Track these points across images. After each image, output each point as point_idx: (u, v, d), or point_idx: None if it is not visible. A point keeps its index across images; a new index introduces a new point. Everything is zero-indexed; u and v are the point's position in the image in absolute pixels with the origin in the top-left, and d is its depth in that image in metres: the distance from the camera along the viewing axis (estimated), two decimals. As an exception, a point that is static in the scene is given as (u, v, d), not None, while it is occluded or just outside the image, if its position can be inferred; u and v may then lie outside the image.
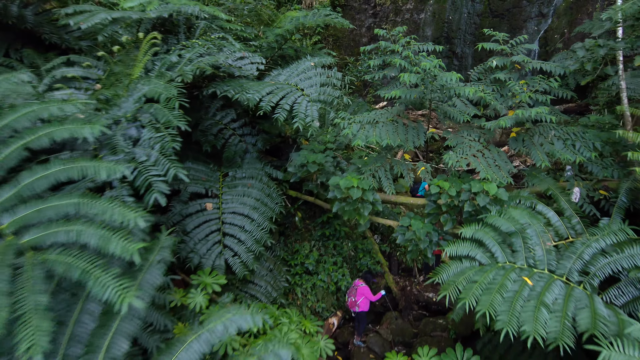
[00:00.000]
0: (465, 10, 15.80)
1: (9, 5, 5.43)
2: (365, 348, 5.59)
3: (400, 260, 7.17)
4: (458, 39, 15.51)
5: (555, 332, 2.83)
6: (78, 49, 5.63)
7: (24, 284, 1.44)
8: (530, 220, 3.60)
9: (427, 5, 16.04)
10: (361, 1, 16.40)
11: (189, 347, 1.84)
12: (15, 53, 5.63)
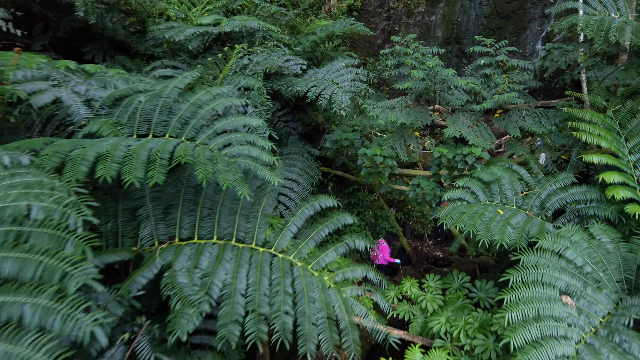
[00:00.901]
0: (473, 13, 17.18)
1: (106, 22, 7.26)
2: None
3: (412, 228, 8.80)
4: (467, 39, 16.85)
5: (515, 239, 4.43)
6: (156, 55, 7.44)
7: (231, 166, 2.98)
8: (504, 174, 5.23)
9: (437, 8, 17.50)
10: (376, 5, 17.99)
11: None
12: (110, 59, 7.45)
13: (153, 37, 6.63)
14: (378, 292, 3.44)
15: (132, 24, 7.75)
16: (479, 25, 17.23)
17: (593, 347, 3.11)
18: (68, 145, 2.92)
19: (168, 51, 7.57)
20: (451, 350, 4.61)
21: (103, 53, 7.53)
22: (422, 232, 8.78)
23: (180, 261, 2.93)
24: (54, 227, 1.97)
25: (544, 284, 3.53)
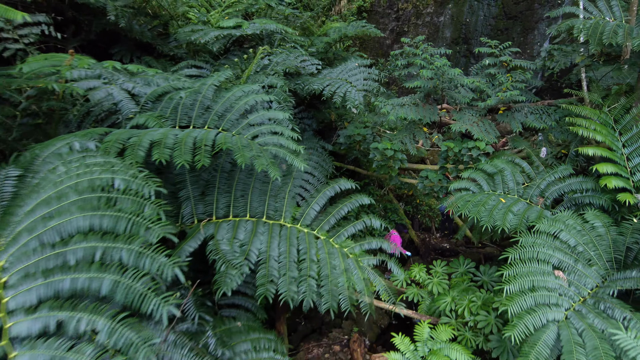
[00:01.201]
0: (481, 13, 17.52)
1: (134, 25, 7.82)
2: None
3: (421, 221, 9.26)
4: (475, 39, 17.20)
5: (515, 225, 4.89)
6: (178, 55, 7.99)
7: (264, 153, 3.50)
8: (507, 166, 5.68)
9: (446, 8, 17.87)
10: (385, 6, 18.41)
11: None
12: (136, 59, 8.01)
13: (178, 39, 7.17)
14: (391, 260, 3.92)
15: (156, 26, 8.31)
16: (487, 26, 17.53)
17: (580, 313, 3.57)
18: (126, 134, 3.46)
19: (189, 52, 8.11)
20: (456, 326, 5.08)
21: (130, 54, 8.08)
22: (429, 225, 9.23)
23: (220, 233, 3.45)
24: (133, 194, 2.49)
25: (539, 260, 3.99)
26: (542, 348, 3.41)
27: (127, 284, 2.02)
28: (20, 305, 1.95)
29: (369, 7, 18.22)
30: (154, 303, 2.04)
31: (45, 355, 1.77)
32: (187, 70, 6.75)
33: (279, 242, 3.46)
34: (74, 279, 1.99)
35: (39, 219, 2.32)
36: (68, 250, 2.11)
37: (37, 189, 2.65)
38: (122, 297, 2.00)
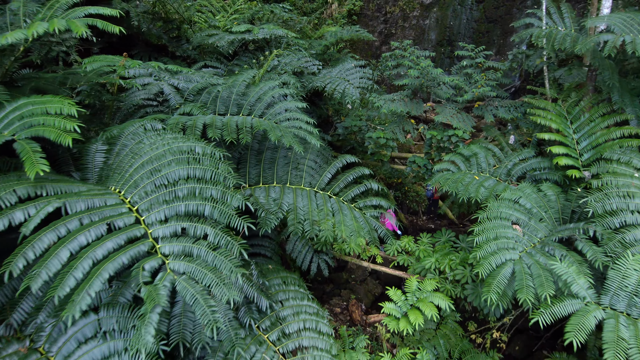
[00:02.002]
0: (464, 17, 18.89)
1: (152, 29, 8.88)
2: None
3: (409, 206, 10.49)
4: (458, 42, 18.55)
5: (487, 196, 6.13)
6: (192, 57, 9.07)
7: (289, 132, 4.62)
8: (481, 150, 6.94)
9: (431, 12, 19.21)
10: (374, 10, 19.68)
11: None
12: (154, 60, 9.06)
13: (195, 42, 8.26)
14: (388, 214, 5.12)
15: (170, 30, 9.39)
16: (469, 29, 18.87)
17: (530, 254, 4.81)
18: (183, 118, 4.59)
19: (200, 53, 9.21)
20: (439, 280, 6.31)
21: (148, 55, 9.15)
22: (417, 209, 10.47)
23: (256, 194, 4.58)
24: (209, 157, 3.63)
25: (501, 218, 5.24)
26: (501, 279, 4.65)
27: (220, 208, 3.14)
28: (153, 220, 3.05)
29: (358, 11, 19.44)
30: (238, 221, 3.17)
31: (178, 246, 2.89)
32: (204, 70, 7.85)
33: (302, 199, 4.61)
34: (187, 204, 3.11)
35: (148, 172, 3.44)
36: (177, 189, 3.23)
37: (135, 155, 3.77)
38: (218, 216, 3.11)
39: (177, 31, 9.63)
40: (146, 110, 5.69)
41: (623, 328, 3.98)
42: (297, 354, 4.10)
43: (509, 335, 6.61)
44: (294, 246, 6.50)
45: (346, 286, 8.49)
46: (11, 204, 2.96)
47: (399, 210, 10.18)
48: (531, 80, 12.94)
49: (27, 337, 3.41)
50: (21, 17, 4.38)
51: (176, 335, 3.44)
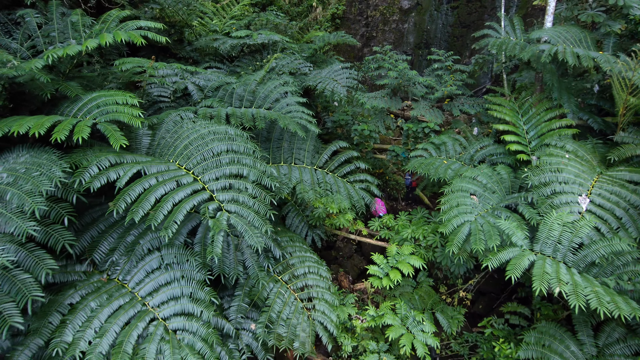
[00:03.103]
0: (440, 22, 20.54)
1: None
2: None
3: (389, 193, 11.97)
4: (435, 45, 20.19)
5: (452, 176, 7.61)
6: (194, 58, 10.32)
7: (294, 120, 5.85)
8: (449, 140, 8.45)
9: (409, 17, 20.81)
10: (356, 14, 21.17)
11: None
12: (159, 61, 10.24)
13: (200, 45, 9.51)
14: (372, 185, 6.54)
15: (173, 33, 10.61)
16: (445, 33, 20.53)
17: (483, 216, 6.30)
18: (209, 110, 5.90)
19: (201, 55, 10.47)
20: (414, 247, 7.76)
21: (156, 58, 10.33)
22: (396, 196, 11.95)
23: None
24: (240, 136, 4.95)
25: (462, 190, 6.73)
26: (461, 236, 6.11)
27: (254, 171, 4.47)
28: (208, 179, 4.36)
29: (341, 14, 20.90)
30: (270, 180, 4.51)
31: (228, 195, 4.20)
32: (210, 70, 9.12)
33: (305, 174, 5.96)
34: (230, 168, 4.43)
35: (196, 147, 4.75)
36: (221, 158, 4.55)
37: (179, 136, 5.06)
38: (254, 177, 4.44)
39: (179, 35, 10.85)
40: (159, 105, 6.94)
41: (548, 266, 5.48)
42: (304, 290, 5.47)
43: (472, 294, 8.11)
44: (292, 221, 7.83)
45: (335, 262, 9.86)
46: (105, 168, 4.22)
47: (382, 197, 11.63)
48: (501, 82, 14.67)
49: (105, 272, 4.67)
50: (80, 27, 5.60)
51: (217, 269, 4.76)
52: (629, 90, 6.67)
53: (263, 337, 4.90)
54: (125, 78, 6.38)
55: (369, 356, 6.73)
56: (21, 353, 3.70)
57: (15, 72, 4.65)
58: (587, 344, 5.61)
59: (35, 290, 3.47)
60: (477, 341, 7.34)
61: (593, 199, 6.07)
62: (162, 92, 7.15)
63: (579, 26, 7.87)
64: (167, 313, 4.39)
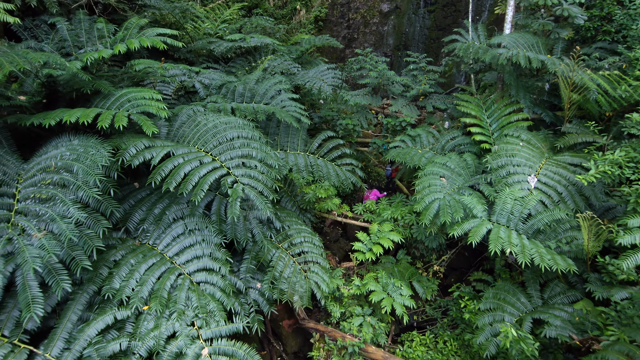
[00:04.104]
0: (418, 25, 21.88)
1: (157, 36, 11.06)
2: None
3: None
4: (413, 46, 21.52)
5: (426, 163, 8.86)
6: (190, 59, 11.34)
7: (289, 113, 7.08)
8: (423, 132, 9.73)
9: (389, 19, 22.12)
10: (338, 16, 22.39)
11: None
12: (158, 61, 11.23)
13: (197, 47, 10.55)
14: (357, 168, 7.73)
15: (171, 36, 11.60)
16: (422, 35, 21.89)
17: (450, 194, 7.56)
18: (215, 105, 6.99)
19: (196, 56, 11.50)
20: (393, 225, 8.98)
21: (154, 58, 11.31)
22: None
23: (269, 156, 7.07)
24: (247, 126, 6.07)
25: (433, 173, 7.99)
26: (432, 211, 7.36)
27: (262, 151, 5.60)
28: (224, 159, 5.46)
29: (324, 17, 22.11)
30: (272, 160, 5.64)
31: (242, 171, 5.32)
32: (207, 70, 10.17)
33: (300, 159, 7.11)
34: (242, 151, 5.54)
35: (211, 134, 5.85)
36: (233, 143, 5.66)
37: (196, 126, 6.14)
38: (261, 157, 5.56)
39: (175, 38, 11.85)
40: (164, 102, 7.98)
41: (502, 233, 6.76)
42: (301, 255, 6.61)
43: (445, 269, 9.38)
44: (285, 205, 8.96)
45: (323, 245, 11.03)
46: (140, 150, 5.28)
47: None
48: (478, 81, 16.16)
49: (137, 238, 5.72)
50: (105, 33, 6.62)
51: (230, 235, 5.86)
52: (570, 87, 8.04)
53: (268, 292, 6.03)
54: (138, 77, 7.40)
55: (355, 319, 7.91)
56: (81, 295, 4.74)
57: (59, 72, 5.66)
58: (534, 297, 6.92)
59: (97, 242, 4.51)
60: (448, 306, 8.61)
61: (540, 178, 7.41)
62: (164, 90, 8.17)
63: (533, 33, 9.25)
64: (191, 269, 5.47)
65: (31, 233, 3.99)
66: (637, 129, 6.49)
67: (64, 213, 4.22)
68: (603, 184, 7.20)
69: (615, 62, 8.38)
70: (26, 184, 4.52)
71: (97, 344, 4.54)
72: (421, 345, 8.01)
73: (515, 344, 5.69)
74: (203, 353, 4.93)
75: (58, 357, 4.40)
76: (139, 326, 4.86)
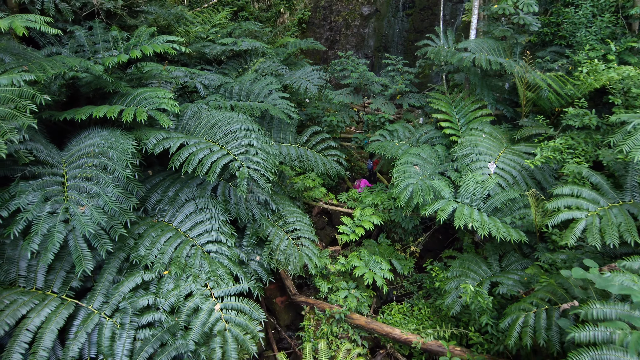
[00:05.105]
0: (397, 27, 23.24)
1: (154, 39, 12.07)
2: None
3: (355, 177, 14.44)
4: (393, 48, 22.86)
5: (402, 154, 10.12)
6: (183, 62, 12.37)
7: (281, 110, 8.22)
8: (400, 127, 11.00)
9: (369, 22, 23.43)
10: (320, 19, 23.60)
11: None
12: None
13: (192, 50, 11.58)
14: (341, 158, 8.93)
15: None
16: (401, 37, 23.26)
17: (422, 180, 8.82)
18: (216, 102, 8.10)
19: (189, 59, 12.54)
20: (374, 210, 10.21)
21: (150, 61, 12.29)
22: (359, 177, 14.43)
23: (264, 147, 8.21)
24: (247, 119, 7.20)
25: (407, 162, 9.24)
26: (406, 194, 8.60)
27: (262, 141, 6.73)
28: (230, 147, 6.57)
29: (307, 19, 23.29)
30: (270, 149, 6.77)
31: (246, 157, 6.44)
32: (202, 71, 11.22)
33: (291, 150, 8.26)
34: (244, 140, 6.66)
35: (216, 127, 6.96)
36: (236, 134, 6.78)
37: (201, 121, 7.24)
38: (261, 145, 6.69)
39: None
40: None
41: (465, 211, 8.03)
42: (294, 232, 7.76)
43: (420, 250, 10.65)
44: (277, 192, 10.09)
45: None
46: (160, 140, 6.35)
47: (347, 179, 14.08)
48: (447, 81, 17.58)
49: (154, 216, 6.78)
50: (119, 39, 7.65)
51: (234, 213, 6.98)
52: (525, 87, 9.41)
53: (267, 262, 7.17)
54: (144, 78, 8.44)
55: (341, 292, 9.10)
56: (113, 261, 5.80)
57: (83, 75, 6.68)
58: (494, 265, 8.22)
59: (130, 214, 5.57)
60: (422, 280, 9.87)
61: (498, 164, 8.73)
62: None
63: (495, 38, 10.62)
64: (202, 241, 6.57)
65: (82, 204, 5.02)
66: (574, 121, 7.87)
67: (105, 189, 5.27)
68: (552, 169, 8.56)
69: (563, 64, 9.80)
70: (72, 166, 5.55)
71: (130, 298, 5.61)
72: (399, 313, 9.23)
73: (474, 298, 6.95)
74: (215, 308, 6.04)
75: (99, 308, 5.45)
76: (161, 287, 5.94)
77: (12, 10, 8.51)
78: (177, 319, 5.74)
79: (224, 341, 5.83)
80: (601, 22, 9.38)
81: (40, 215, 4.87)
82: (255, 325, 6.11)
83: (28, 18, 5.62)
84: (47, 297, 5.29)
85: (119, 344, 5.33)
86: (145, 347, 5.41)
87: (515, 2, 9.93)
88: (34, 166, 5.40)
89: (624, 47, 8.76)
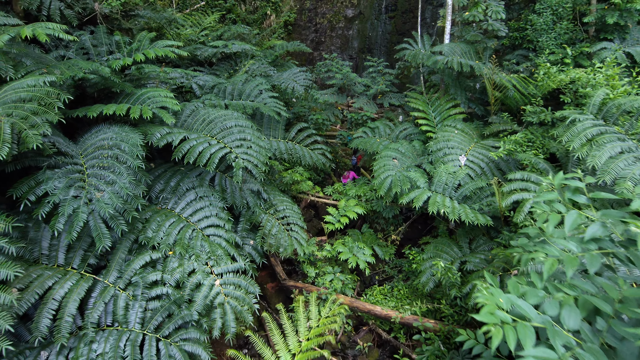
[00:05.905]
0: (380, 29, 24.26)
1: (147, 42, 12.85)
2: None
3: (339, 173, 15.39)
4: (376, 49, 23.87)
5: (383, 149, 11.10)
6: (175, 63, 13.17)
7: (272, 108, 9.12)
8: (381, 124, 11.98)
9: (353, 24, 24.40)
10: (306, 21, 24.49)
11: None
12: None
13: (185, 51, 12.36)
14: (326, 152, 9.86)
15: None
16: (384, 39, 24.30)
17: (400, 172, 9.79)
18: (211, 101, 8.97)
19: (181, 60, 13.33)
20: (357, 201, 11.16)
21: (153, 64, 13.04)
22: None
23: (256, 142, 9.09)
24: (240, 116, 8.07)
25: (387, 156, 10.22)
26: (385, 184, 9.56)
27: (254, 135, 7.60)
28: (227, 141, 7.43)
29: (293, 21, 24.18)
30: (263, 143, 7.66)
31: (241, 150, 7.32)
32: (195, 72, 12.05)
33: (281, 144, 9.15)
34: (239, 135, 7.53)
35: (213, 124, 7.82)
36: (232, 129, 7.66)
37: (199, 118, 8.10)
38: (254, 140, 7.57)
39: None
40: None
41: (438, 198, 9.02)
42: (284, 219, 8.66)
43: (401, 238, 11.63)
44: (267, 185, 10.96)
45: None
46: (163, 135, 7.19)
47: (332, 173, 15.03)
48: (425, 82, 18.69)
49: (158, 204, 7.61)
50: (122, 44, 8.44)
51: (230, 201, 7.85)
52: (493, 87, 10.48)
53: (260, 245, 8.05)
54: (144, 80, 9.24)
55: (327, 276, 10.02)
56: (125, 242, 6.62)
57: (92, 76, 7.48)
58: (464, 248, 9.24)
59: (140, 200, 6.40)
60: (402, 265, 10.86)
61: (469, 157, 9.77)
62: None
63: (467, 42, 11.68)
64: (202, 225, 7.42)
65: (101, 189, 5.84)
66: (532, 117, 8.94)
67: (120, 177, 6.09)
68: (516, 161, 9.62)
69: (528, 66, 10.91)
70: (88, 157, 6.36)
71: (141, 274, 6.44)
72: (380, 294, 10.19)
73: (444, 274, 7.95)
74: (216, 283, 6.91)
75: (114, 282, 6.28)
76: (167, 265, 6.79)
77: (18, 15, 9.23)
78: (182, 293, 6.59)
79: (224, 312, 6.71)
80: (560, 28, 10.51)
81: (66, 198, 5.67)
82: (251, 298, 7.00)
83: (47, 26, 6.40)
84: (67, 272, 6.09)
85: (132, 312, 6.17)
86: (154, 316, 6.26)
87: (485, 10, 11.00)
88: (57, 157, 6.20)
89: (579, 51, 9.89)
